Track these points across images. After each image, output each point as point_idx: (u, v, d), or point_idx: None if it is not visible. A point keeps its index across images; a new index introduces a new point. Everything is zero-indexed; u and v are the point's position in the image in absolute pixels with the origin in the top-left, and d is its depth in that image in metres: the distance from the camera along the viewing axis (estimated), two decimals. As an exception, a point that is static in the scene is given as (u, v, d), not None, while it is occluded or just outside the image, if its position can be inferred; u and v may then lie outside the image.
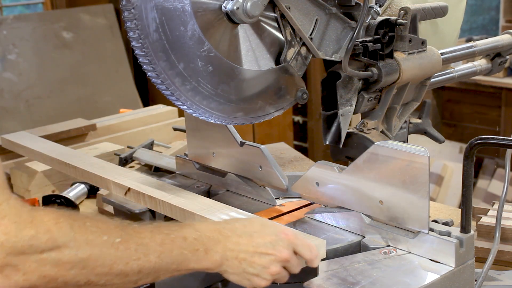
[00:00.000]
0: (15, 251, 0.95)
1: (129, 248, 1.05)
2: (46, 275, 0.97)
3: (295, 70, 1.46)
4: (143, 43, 1.24)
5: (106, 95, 4.92)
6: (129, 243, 1.05)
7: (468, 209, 1.24)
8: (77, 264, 1.00)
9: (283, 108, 1.50)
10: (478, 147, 1.19)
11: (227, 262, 1.14)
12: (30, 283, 0.97)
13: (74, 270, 1.00)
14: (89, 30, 4.95)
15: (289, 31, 1.43)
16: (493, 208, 1.68)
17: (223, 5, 1.31)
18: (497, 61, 1.93)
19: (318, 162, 1.43)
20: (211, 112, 1.38)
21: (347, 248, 1.32)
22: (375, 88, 1.57)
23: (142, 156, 2.18)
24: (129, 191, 1.63)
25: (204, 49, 1.31)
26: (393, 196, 1.27)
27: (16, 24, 4.69)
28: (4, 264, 0.94)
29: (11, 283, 0.95)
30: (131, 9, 1.22)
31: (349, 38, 1.49)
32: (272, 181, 1.57)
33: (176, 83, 1.30)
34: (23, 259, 0.95)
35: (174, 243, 1.10)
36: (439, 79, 1.79)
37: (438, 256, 1.24)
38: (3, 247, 0.94)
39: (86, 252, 1.00)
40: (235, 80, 1.38)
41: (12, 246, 0.94)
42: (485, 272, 1.28)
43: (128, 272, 1.05)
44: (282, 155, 2.32)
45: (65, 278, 0.99)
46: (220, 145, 1.68)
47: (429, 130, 1.77)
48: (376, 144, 1.29)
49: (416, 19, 1.60)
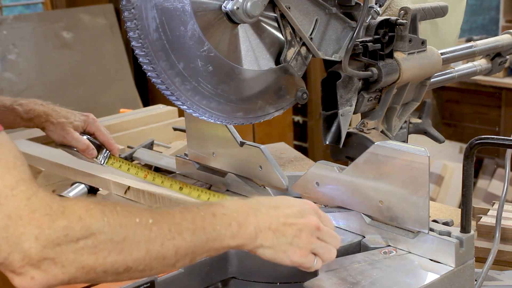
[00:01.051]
0: (51, 244, 0.92)
1: (162, 228, 1.02)
2: (84, 265, 0.95)
3: (295, 70, 1.46)
4: (143, 43, 1.24)
5: (106, 95, 4.92)
6: (161, 223, 1.03)
7: (468, 209, 1.24)
8: (114, 249, 0.97)
9: (283, 108, 1.50)
10: (478, 147, 1.19)
11: (261, 235, 1.11)
12: (69, 276, 0.94)
13: (111, 257, 0.97)
14: (89, 30, 4.95)
15: (289, 31, 1.43)
16: (493, 208, 1.68)
17: (223, 5, 1.31)
18: (497, 61, 1.93)
19: (318, 162, 1.43)
20: (211, 112, 1.38)
21: (347, 248, 1.32)
22: (375, 88, 1.57)
23: (142, 156, 2.18)
24: (128, 190, 1.63)
25: (204, 49, 1.31)
26: (393, 196, 1.27)
27: (16, 24, 4.69)
28: (42, 258, 0.91)
29: (50, 277, 0.93)
30: (131, 9, 1.22)
31: (349, 38, 1.49)
32: (272, 181, 1.57)
33: (176, 83, 1.30)
34: (59, 251, 0.93)
35: (205, 220, 1.07)
36: (439, 79, 1.79)
37: (438, 256, 1.24)
38: (38, 240, 0.91)
39: (121, 235, 0.98)
40: (235, 80, 1.38)
41: (47, 239, 0.92)
42: (485, 272, 1.28)
43: (165, 254, 1.02)
44: (282, 155, 2.32)
45: (104, 266, 0.96)
46: (220, 145, 1.68)
47: (429, 130, 1.77)
48: (376, 144, 1.29)
49: (416, 19, 1.60)
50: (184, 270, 1.27)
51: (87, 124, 1.73)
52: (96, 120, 1.75)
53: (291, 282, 1.29)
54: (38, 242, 0.91)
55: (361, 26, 1.46)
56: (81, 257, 0.94)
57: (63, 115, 1.71)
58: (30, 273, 0.91)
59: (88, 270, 0.95)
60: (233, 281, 1.34)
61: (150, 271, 1.02)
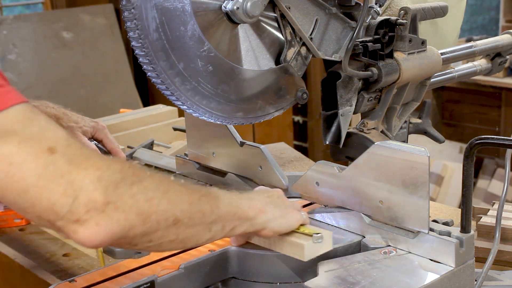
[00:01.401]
0: (112, 185, 0.93)
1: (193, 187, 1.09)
2: (141, 211, 0.96)
3: (295, 70, 1.46)
4: (143, 43, 1.24)
5: (106, 95, 4.92)
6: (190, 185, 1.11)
7: (468, 209, 1.24)
8: (163, 198, 1.00)
9: (283, 108, 1.50)
10: (478, 147, 1.19)
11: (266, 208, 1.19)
12: (130, 222, 0.95)
13: (162, 205, 0.99)
14: (89, 30, 4.95)
15: (289, 31, 1.43)
16: (493, 208, 1.68)
17: (223, 5, 1.31)
18: (497, 61, 1.92)
19: (318, 162, 1.43)
20: (211, 112, 1.38)
21: (347, 248, 1.32)
22: (375, 88, 1.57)
23: (142, 156, 2.18)
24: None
25: (204, 49, 1.31)
26: (393, 196, 1.27)
27: (16, 24, 4.69)
28: (106, 201, 0.92)
29: (114, 222, 0.93)
30: (131, 9, 1.22)
31: (349, 38, 1.49)
32: (272, 181, 1.57)
33: (176, 83, 1.30)
34: (119, 194, 0.94)
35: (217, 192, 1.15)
36: (439, 79, 1.79)
37: (438, 256, 1.24)
38: (101, 181, 0.92)
39: (164, 186, 1.02)
40: (235, 80, 1.38)
41: (108, 180, 0.93)
42: (485, 272, 1.28)
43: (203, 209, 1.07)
44: (282, 155, 2.32)
45: (157, 215, 0.98)
46: (220, 145, 1.68)
47: (429, 130, 1.77)
48: (376, 144, 1.29)
49: (416, 19, 1.60)
50: (184, 270, 1.27)
51: (95, 130, 1.74)
52: (105, 128, 1.77)
53: (291, 282, 1.29)
54: (101, 183, 0.92)
55: (361, 26, 1.46)
56: (138, 203, 0.96)
57: (73, 120, 1.72)
58: (95, 219, 0.91)
59: (144, 218, 0.96)
60: (233, 281, 1.34)
61: (193, 227, 1.05)
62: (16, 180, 0.89)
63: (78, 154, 0.94)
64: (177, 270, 1.27)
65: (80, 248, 1.67)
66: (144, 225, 0.97)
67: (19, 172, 0.89)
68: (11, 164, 0.89)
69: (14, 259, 1.63)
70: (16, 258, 1.63)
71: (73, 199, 0.90)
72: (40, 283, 1.52)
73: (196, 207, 1.06)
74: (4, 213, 1.82)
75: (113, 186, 0.93)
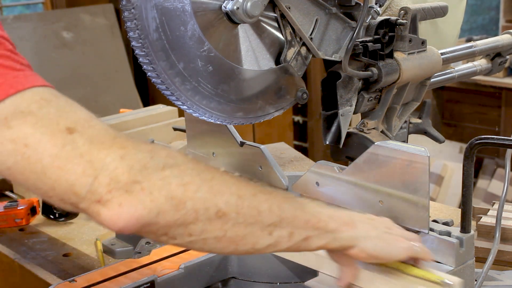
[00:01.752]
0: (138, 164, 0.84)
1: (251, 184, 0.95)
2: (173, 195, 0.85)
3: (295, 70, 1.46)
4: (143, 43, 1.24)
5: (106, 95, 4.92)
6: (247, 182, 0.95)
7: (468, 209, 1.24)
8: (202, 185, 0.88)
9: (283, 108, 1.50)
10: (478, 147, 1.19)
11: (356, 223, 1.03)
12: (158, 205, 0.84)
13: (201, 193, 0.87)
14: (89, 30, 4.95)
15: (289, 31, 1.43)
16: (493, 208, 1.68)
17: (223, 5, 1.31)
18: (497, 61, 1.92)
19: (318, 162, 1.43)
20: (211, 112, 1.38)
21: (347, 248, 1.32)
22: (375, 88, 1.57)
23: (142, 156, 2.18)
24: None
25: (204, 49, 1.31)
26: (393, 196, 1.27)
27: (16, 24, 4.69)
28: (129, 180, 0.83)
29: (138, 203, 0.83)
30: (131, 9, 1.22)
31: (349, 38, 1.49)
32: (272, 181, 1.57)
33: (176, 83, 1.30)
34: (146, 175, 0.84)
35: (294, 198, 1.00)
36: (439, 79, 1.79)
37: (438, 256, 1.23)
38: (124, 160, 0.84)
39: (208, 174, 0.90)
40: (235, 80, 1.38)
41: (133, 158, 0.84)
42: (485, 272, 1.28)
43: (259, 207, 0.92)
44: (282, 155, 2.32)
45: (193, 202, 0.86)
46: (220, 145, 1.68)
47: (429, 130, 1.77)
48: (376, 144, 1.28)
49: (416, 19, 1.60)
50: (184, 270, 1.27)
51: None
52: None
53: (291, 282, 1.29)
54: (124, 162, 0.84)
55: (361, 26, 1.46)
56: (169, 186, 0.85)
57: None
58: (117, 199, 0.83)
59: (177, 203, 0.85)
60: (233, 281, 1.34)
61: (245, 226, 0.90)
62: (33, 162, 0.83)
63: (102, 134, 0.87)
64: (177, 270, 1.27)
65: (80, 248, 1.67)
66: (178, 212, 0.86)
67: (35, 154, 0.83)
68: (26, 145, 0.83)
69: (14, 259, 1.63)
70: (16, 258, 1.64)
71: (93, 179, 0.83)
72: (40, 283, 1.52)
73: (248, 202, 0.91)
74: (4, 213, 1.82)
75: (138, 165, 0.84)
